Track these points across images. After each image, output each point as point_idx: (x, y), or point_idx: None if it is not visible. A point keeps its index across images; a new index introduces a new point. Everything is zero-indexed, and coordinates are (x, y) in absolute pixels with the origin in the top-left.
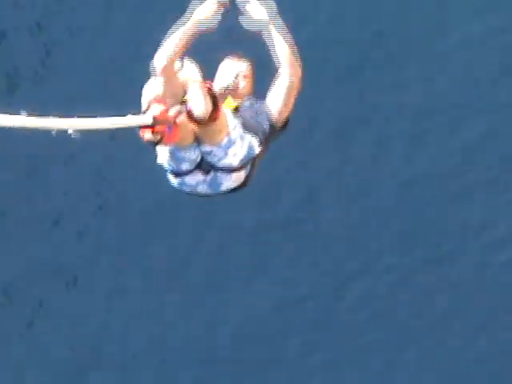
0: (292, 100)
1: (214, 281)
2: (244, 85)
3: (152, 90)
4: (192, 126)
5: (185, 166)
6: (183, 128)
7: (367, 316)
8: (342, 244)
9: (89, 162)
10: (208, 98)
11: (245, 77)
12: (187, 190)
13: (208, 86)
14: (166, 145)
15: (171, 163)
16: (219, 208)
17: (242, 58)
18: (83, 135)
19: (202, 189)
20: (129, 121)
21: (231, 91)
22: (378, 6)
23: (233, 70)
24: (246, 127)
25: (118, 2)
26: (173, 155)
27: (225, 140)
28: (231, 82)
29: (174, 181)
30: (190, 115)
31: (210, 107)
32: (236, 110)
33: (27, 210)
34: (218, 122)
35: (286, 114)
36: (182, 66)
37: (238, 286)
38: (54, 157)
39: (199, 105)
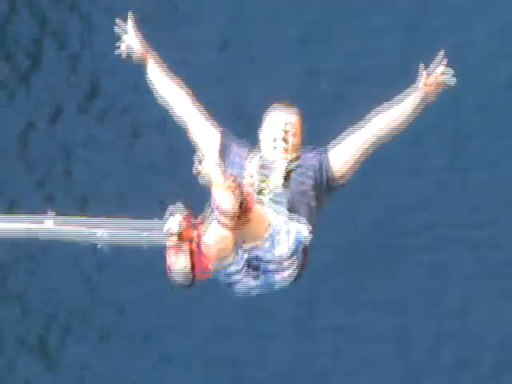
0: (363, 159)
1: None
2: (293, 138)
3: (179, 210)
4: (227, 235)
5: (233, 278)
6: (215, 245)
7: None
8: None
9: None
10: (233, 196)
11: (294, 133)
12: (241, 295)
13: (232, 180)
14: (201, 274)
15: (220, 277)
16: None
17: (291, 107)
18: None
19: (256, 292)
20: (153, 225)
21: (281, 156)
22: None
23: (281, 124)
24: (293, 207)
25: None
26: (220, 272)
27: (266, 234)
28: (280, 135)
29: (226, 289)
30: (221, 215)
31: (236, 203)
32: (287, 177)
33: None
34: (251, 217)
35: (351, 172)
36: (201, 163)
37: None
38: None
39: (225, 203)
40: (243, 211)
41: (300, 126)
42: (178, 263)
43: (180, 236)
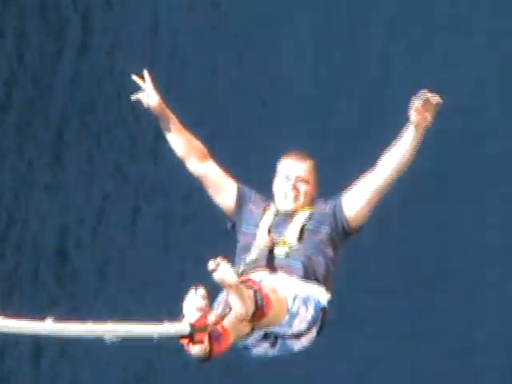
0: (375, 204)
1: None
2: (304, 189)
3: (192, 301)
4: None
5: (250, 342)
6: (233, 329)
7: None
8: None
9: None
10: (248, 299)
11: (305, 181)
12: (257, 356)
13: (247, 282)
14: (219, 354)
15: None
16: None
17: (301, 156)
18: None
19: (273, 354)
20: (164, 329)
21: (293, 206)
22: None
23: (292, 174)
24: (309, 259)
25: None
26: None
27: (286, 318)
28: (290, 189)
29: (242, 351)
30: (236, 317)
31: (250, 308)
32: (301, 230)
33: None
34: (270, 313)
35: (365, 218)
36: (218, 266)
37: None
38: None
39: (239, 309)
40: (259, 314)
41: (313, 177)
42: (196, 349)
43: (192, 337)
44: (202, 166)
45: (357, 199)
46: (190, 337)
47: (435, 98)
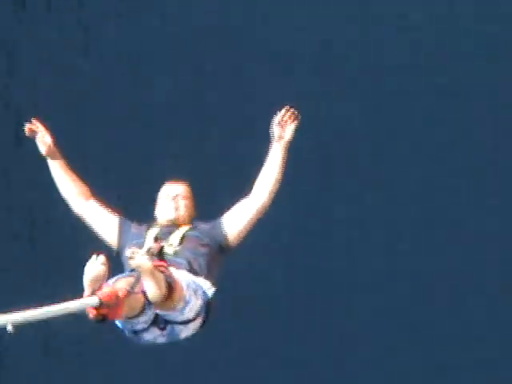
0: (252, 225)
1: None
2: (184, 204)
3: (94, 271)
4: (140, 298)
5: (140, 326)
6: (129, 302)
7: None
8: None
9: None
10: (161, 283)
11: (184, 197)
12: (146, 343)
13: (161, 267)
14: (112, 320)
15: (126, 325)
16: None
17: (179, 181)
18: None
19: (162, 341)
20: (74, 305)
21: (174, 215)
22: None
23: (171, 193)
24: (192, 267)
25: None
26: (127, 320)
27: (181, 305)
28: (172, 205)
29: (132, 337)
30: (147, 299)
31: (164, 292)
32: (182, 240)
33: None
34: (176, 296)
35: (242, 238)
36: (134, 254)
37: None
38: None
39: (153, 293)
40: (169, 296)
41: (191, 196)
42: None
43: (99, 309)
44: (83, 207)
45: (236, 223)
46: (98, 308)
47: (293, 115)
